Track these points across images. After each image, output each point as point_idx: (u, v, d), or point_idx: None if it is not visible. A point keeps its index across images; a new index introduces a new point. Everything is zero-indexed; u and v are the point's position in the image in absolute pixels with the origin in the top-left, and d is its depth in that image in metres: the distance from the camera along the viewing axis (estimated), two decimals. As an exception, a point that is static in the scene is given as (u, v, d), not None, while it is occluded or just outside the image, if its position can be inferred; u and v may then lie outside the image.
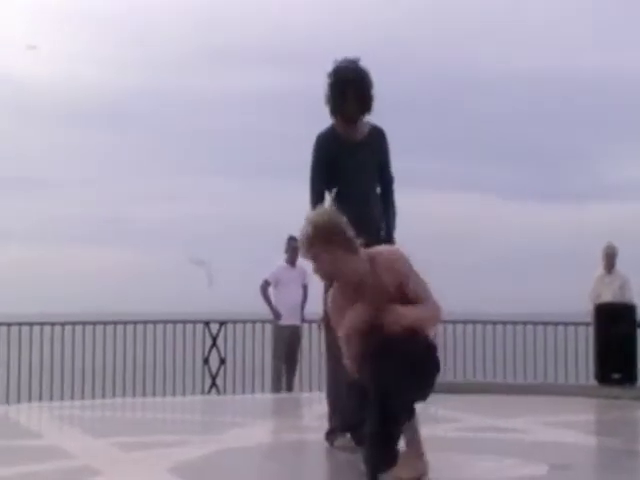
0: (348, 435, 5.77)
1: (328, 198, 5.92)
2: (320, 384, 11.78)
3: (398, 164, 6.09)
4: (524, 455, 5.45)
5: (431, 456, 4.59)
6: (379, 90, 5.88)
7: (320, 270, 4.43)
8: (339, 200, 5.76)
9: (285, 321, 11.30)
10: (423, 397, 4.51)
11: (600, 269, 11.59)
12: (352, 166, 5.86)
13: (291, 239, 11.39)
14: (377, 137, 5.95)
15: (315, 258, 4.38)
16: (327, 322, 5.89)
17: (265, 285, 11.38)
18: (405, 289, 4.40)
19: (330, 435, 5.82)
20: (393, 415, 4.34)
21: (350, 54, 5.88)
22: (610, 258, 11.48)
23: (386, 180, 6.00)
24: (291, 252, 11.37)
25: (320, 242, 4.33)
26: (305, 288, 11.40)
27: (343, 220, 4.43)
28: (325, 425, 5.92)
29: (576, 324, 11.97)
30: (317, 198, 5.87)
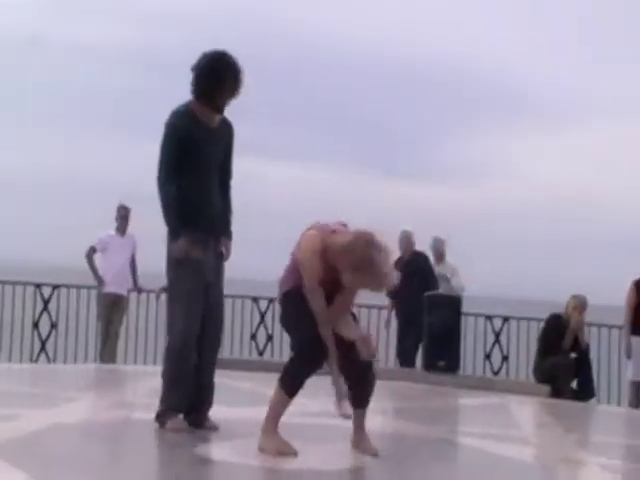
0: (181, 416, 5.73)
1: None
2: (146, 357, 11.71)
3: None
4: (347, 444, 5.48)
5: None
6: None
7: None
8: (185, 185, 5.64)
9: (109, 288, 11.11)
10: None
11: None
12: (204, 151, 5.71)
13: (121, 208, 11.21)
14: (228, 129, 5.86)
15: None
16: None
17: (91, 252, 11.16)
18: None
19: (161, 416, 5.73)
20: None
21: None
22: (438, 250, 11.64)
23: (227, 173, 5.90)
24: (121, 220, 11.21)
25: None
26: (133, 258, 11.27)
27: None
28: (154, 403, 5.81)
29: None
30: (168, 169, 5.64)
